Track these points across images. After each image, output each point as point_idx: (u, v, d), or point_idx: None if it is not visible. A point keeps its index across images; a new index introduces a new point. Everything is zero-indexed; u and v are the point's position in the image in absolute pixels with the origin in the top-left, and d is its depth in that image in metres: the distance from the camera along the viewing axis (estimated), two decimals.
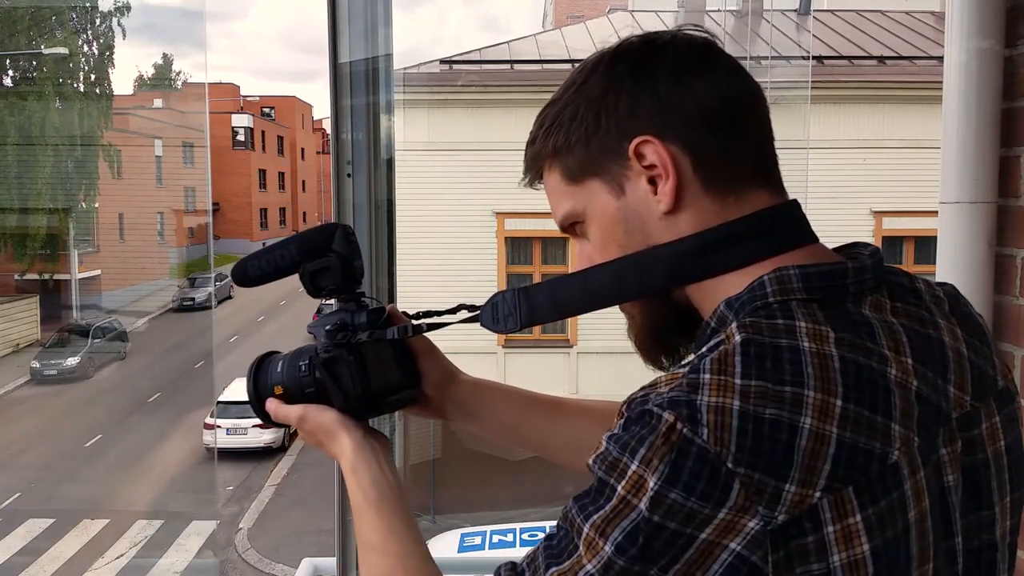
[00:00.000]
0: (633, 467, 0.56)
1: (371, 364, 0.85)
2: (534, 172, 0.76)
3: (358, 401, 0.85)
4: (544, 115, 0.74)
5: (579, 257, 0.76)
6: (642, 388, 0.62)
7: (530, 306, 0.74)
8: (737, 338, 0.60)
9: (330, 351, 0.84)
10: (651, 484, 0.55)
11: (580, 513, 0.59)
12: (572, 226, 0.75)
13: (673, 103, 0.67)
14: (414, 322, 0.85)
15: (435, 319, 0.85)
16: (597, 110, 0.69)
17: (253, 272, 0.86)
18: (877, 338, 0.62)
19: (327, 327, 0.85)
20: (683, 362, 0.73)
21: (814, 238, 0.69)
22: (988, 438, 0.66)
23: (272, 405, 0.87)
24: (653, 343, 0.76)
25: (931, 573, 0.60)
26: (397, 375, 0.88)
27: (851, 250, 0.70)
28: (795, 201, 0.70)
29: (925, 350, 0.64)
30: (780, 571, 0.55)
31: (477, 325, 0.77)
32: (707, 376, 0.58)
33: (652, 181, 0.68)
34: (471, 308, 0.81)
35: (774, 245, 0.67)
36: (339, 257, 0.85)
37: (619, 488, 0.57)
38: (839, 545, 0.56)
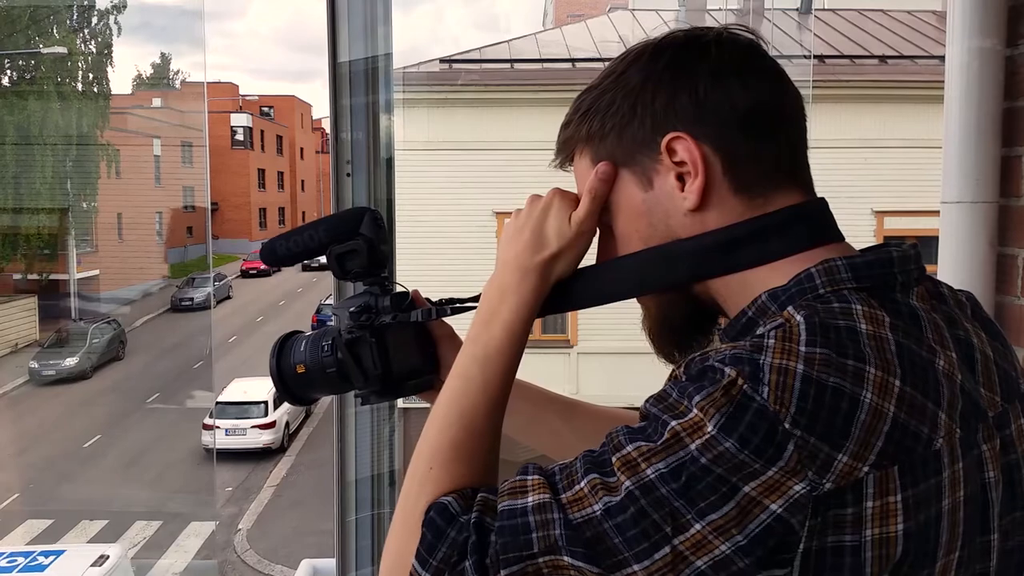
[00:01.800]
0: (693, 412, 0.57)
1: (393, 347, 0.86)
2: (566, 155, 0.77)
3: (378, 383, 0.86)
4: (581, 99, 0.74)
5: (599, 245, 0.77)
6: (700, 352, 0.63)
7: (554, 296, 0.76)
8: (799, 316, 0.61)
9: (353, 332, 0.85)
10: (708, 429, 0.56)
11: (626, 435, 0.60)
12: None
13: (710, 103, 0.68)
14: (436, 307, 0.86)
15: (458, 304, 0.86)
16: (634, 101, 0.70)
17: (282, 252, 0.89)
18: (924, 330, 0.64)
19: (351, 309, 0.86)
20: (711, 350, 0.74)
21: (841, 236, 0.70)
22: (1017, 439, 0.67)
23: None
24: (668, 336, 0.77)
25: (956, 563, 0.60)
26: (418, 359, 0.89)
27: (868, 250, 0.70)
28: (823, 199, 0.71)
29: (959, 349, 0.66)
30: (812, 537, 0.56)
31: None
32: (771, 341, 0.59)
33: (680, 178, 0.69)
34: None
35: (802, 241, 0.68)
36: (366, 241, 0.87)
37: (673, 423, 0.58)
38: (874, 521, 0.56)
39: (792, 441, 0.55)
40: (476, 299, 0.84)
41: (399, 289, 0.90)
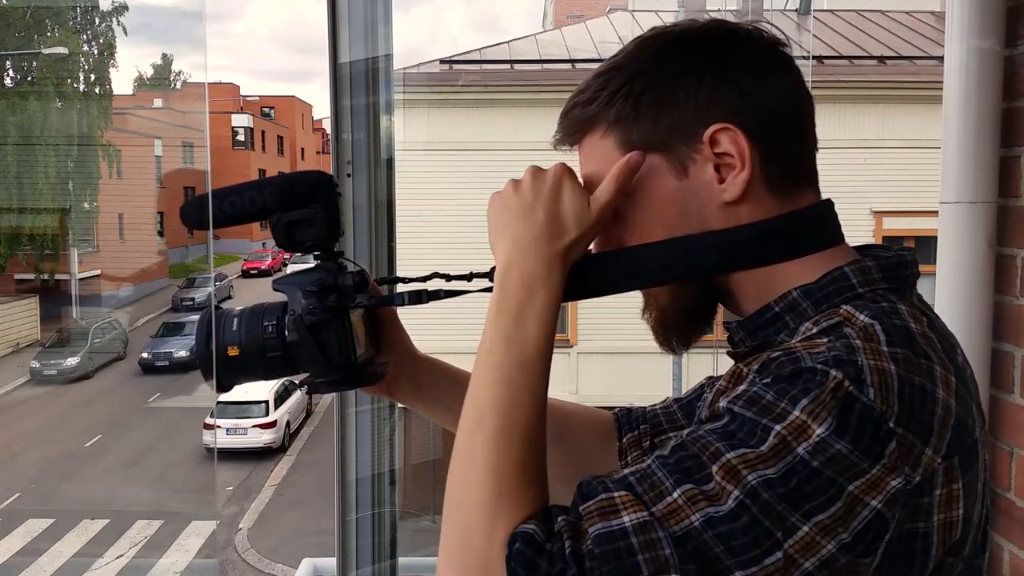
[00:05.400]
0: (795, 413, 0.57)
1: (355, 331, 0.78)
2: (579, 134, 0.74)
3: (340, 372, 0.77)
4: (607, 78, 0.72)
5: (605, 231, 0.74)
6: (782, 352, 0.61)
7: (568, 281, 0.72)
8: (863, 317, 0.62)
9: (316, 314, 0.76)
10: (817, 432, 0.56)
11: (722, 441, 0.58)
12: None
13: (752, 97, 0.68)
14: (429, 288, 0.80)
15: (451, 286, 0.79)
16: (675, 88, 0.69)
17: (213, 213, 0.79)
18: (940, 327, 0.67)
19: (308, 287, 0.77)
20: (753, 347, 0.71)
21: (843, 237, 0.72)
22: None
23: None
24: (678, 326, 0.75)
25: (973, 535, 0.64)
26: (373, 344, 0.83)
27: (870, 251, 0.72)
28: (830, 200, 0.73)
29: (958, 344, 0.69)
30: (897, 526, 0.58)
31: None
32: (858, 342, 0.60)
33: (717, 169, 0.69)
34: (467, 277, 0.79)
35: (825, 239, 0.70)
36: (324, 210, 0.77)
37: (778, 428, 0.57)
38: (940, 507, 0.60)
39: (895, 439, 0.57)
40: (426, 279, 0.80)
41: (352, 267, 0.80)
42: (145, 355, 16.58)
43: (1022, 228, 1.44)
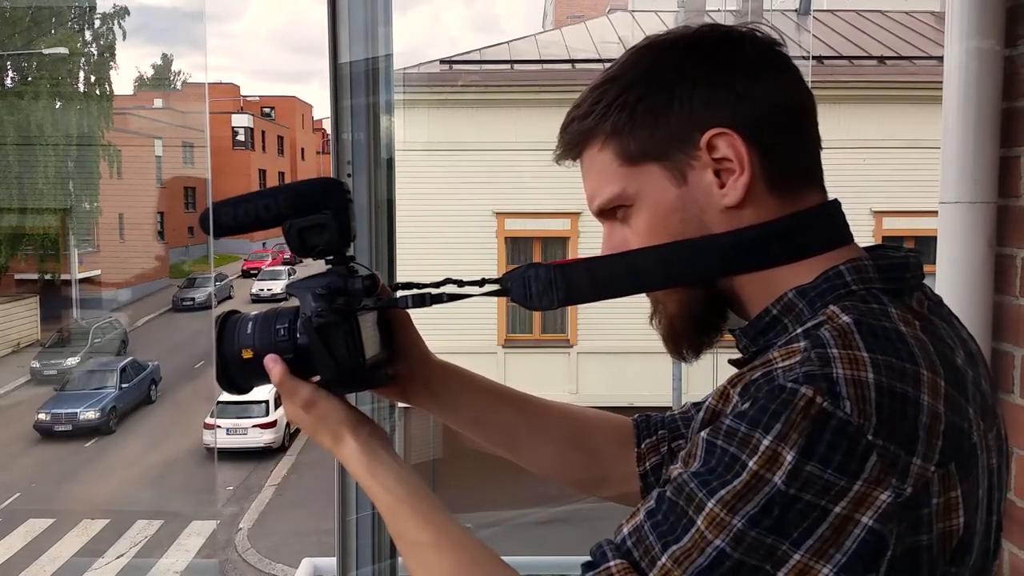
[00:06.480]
0: (766, 442, 0.56)
1: (365, 334, 0.79)
2: (578, 149, 0.74)
3: (349, 374, 0.79)
4: (602, 91, 0.71)
5: (609, 241, 0.74)
6: (754, 369, 0.62)
7: (568, 285, 0.72)
8: (846, 318, 0.61)
9: (324, 316, 0.77)
10: (788, 458, 0.55)
11: (702, 488, 0.58)
12: (613, 210, 0.73)
13: (749, 99, 0.68)
14: (433, 291, 0.80)
15: (457, 290, 0.80)
16: (670, 95, 0.68)
17: (226, 221, 0.80)
18: (938, 329, 0.65)
19: (318, 290, 0.78)
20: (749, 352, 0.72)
21: (852, 237, 0.71)
22: (1002, 428, 0.70)
23: (279, 368, 0.78)
24: (688, 332, 0.74)
25: (978, 543, 0.63)
26: (385, 346, 0.84)
27: (876, 251, 0.71)
28: (837, 200, 0.72)
29: (963, 347, 0.68)
30: (898, 542, 0.57)
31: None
32: (835, 351, 0.58)
33: (717, 174, 0.68)
34: (479, 283, 0.79)
35: (831, 240, 0.69)
36: (335, 216, 0.79)
37: (751, 464, 0.56)
38: (938, 516, 0.58)
39: (875, 451, 0.56)
40: (439, 285, 0.81)
41: (363, 271, 0.82)
42: (43, 416, 12.92)
43: (1022, 228, 1.44)
